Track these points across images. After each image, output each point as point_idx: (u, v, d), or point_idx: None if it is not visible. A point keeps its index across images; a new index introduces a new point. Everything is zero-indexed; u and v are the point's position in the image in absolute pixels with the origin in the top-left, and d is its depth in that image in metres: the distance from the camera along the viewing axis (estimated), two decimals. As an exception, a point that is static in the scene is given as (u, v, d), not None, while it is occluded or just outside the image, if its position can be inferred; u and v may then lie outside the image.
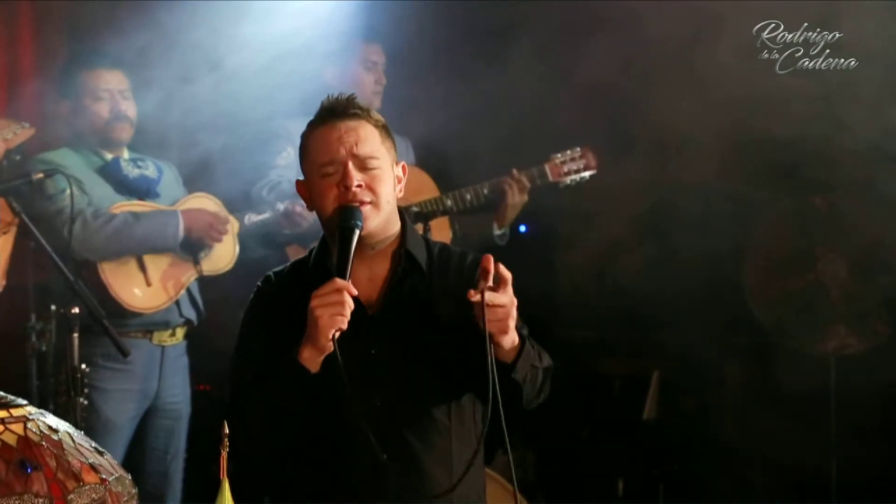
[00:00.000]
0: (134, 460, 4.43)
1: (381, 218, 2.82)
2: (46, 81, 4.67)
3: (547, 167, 5.03)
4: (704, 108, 4.81)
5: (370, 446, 2.73)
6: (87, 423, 4.13)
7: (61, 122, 4.48)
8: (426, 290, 2.87)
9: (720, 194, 5.46)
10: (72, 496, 1.89)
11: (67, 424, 2.01)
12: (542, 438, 5.69)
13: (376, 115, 2.91)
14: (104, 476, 1.95)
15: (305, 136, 2.89)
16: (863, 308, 5.25)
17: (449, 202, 4.84)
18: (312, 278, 2.82)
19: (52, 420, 1.99)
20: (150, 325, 4.41)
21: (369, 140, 2.84)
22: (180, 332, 4.54)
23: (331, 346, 2.68)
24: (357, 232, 2.75)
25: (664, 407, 5.81)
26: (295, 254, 4.58)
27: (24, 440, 1.90)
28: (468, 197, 4.89)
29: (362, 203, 2.78)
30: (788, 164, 4.88)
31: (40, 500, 1.87)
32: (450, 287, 2.86)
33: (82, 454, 1.96)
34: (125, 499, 1.98)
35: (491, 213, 5.00)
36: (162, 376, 4.47)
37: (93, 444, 2.01)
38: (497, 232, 5.03)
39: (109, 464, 1.99)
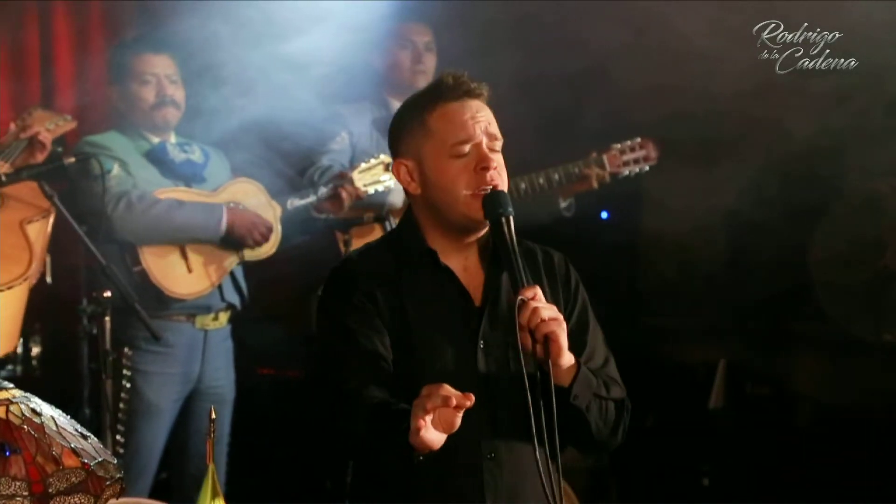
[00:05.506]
0: (178, 443, 4.47)
1: None
2: (99, 66, 4.71)
3: (605, 157, 4.93)
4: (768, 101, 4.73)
5: (477, 443, 2.64)
6: (130, 405, 4.19)
7: (110, 106, 4.52)
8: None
9: (789, 184, 5.34)
10: (51, 479, 1.90)
11: (52, 408, 2.01)
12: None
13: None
14: (86, 460, 1.94)
15: (422, 115, 2.71)
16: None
17: (523, 185, 4.73)
18: (411, 262, 2.69)
19: (36, 403, 1.99)
20: (192, 308, 4.40)
21: (494, 122, 2.73)
22: (223, 317, 4.52)
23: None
24: (510, 220, 2.62)
25: (730, 396, 5.70)
26: (340, 238, 4.55)
27: (4, 423, 1.91)
28: (541, 181, 4.79)
29: (496, 187, 2.66)
30: (852, 149, 4.75)
31: (17, 484, 1.87)
32: (543, 286, 2.72)
33: (65, 438, 1.95)
34: (108, 483, 1.97)
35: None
36: (205, 360, 4.46)
37: (78, 429, 2.01)
38: (563, 204, 4.96)
39: (93, 448, 1.99)
